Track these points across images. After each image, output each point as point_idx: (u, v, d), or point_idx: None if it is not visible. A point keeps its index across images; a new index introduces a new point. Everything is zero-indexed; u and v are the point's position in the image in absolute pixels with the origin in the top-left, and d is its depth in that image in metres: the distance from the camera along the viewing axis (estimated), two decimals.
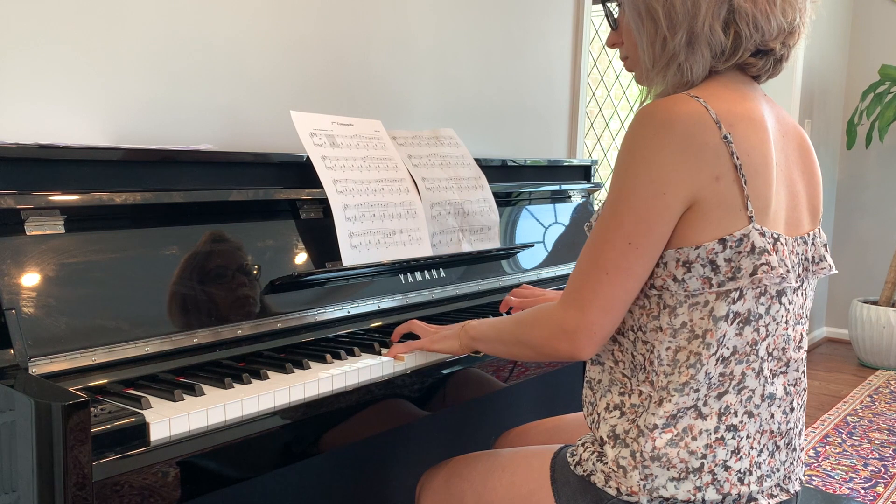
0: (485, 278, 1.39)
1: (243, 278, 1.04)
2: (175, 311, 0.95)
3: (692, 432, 0.79)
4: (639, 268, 0.78)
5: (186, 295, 0.97)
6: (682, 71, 0.82)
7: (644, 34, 0.84)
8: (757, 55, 0.82)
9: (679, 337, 0.80)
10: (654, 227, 0.77)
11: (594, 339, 0.80)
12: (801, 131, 0.89)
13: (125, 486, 0.71)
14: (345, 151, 1.22)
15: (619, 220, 0.78)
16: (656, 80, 0.85)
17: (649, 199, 0.76)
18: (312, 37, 1.49)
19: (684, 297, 0.79)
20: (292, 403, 0.87)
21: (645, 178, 0.76)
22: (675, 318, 0.80)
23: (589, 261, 0.80)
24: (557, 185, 1.69)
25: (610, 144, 2.69)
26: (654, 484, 0.80)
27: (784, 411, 0.84)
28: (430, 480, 1.02)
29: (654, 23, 0.82)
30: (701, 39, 0.80)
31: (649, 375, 0.82)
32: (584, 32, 2.22)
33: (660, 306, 0.81)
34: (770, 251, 0.77)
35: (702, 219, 0.77)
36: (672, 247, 0.78)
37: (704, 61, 0.81)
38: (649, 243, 0.77)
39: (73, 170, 0.92)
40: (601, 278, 0.79)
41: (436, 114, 1.79)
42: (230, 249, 1.04)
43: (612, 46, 0.93)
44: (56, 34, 1.12)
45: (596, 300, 0.79)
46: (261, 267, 1.06)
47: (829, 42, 3.60)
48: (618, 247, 0.78)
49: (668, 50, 0.81)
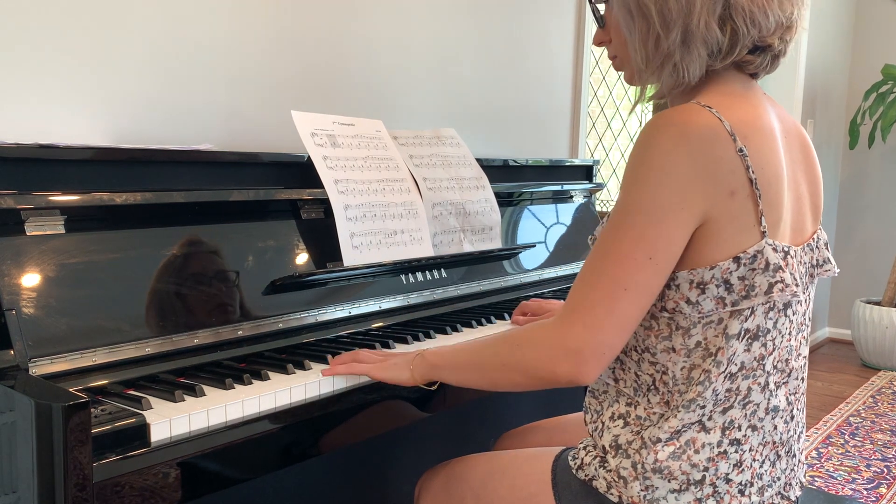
0: (486, 279, 1.38)
1: (244, 278, 1.03)
2: (176, 312, 0.94)
3: (695, 445, 0.78)
4: (656, 286, 0.74)
5: (187, 295, 0.97)
6: (678, 71, 0.78)
7: (635, 33, 0.79)
8: (754, 52, 0.79)
9: (694, 356, 0.78)
10: (674, 243, 0.73)
11: (602, 360, 0.74)
12: (801, 129, 0.87)
13: (126, 487, 0.71)
14: (346, 151, 1.21)
15: (637, 233, 0.73)
16: (650, 81, 0.81)
17: (670, 212, 0.72)
18: (313, 36, 1.49)
19: (698, 319, 0.77)
20: (293, 404, 0.87)
21: (667, 191, 0.72)
22: (689, 339, 0.78)
23: (603, 275, 0.74)
24: (559, 185, 1.69)
25: (612, 144, 2.68)
26: (655, 495, 0.79)
27: (785, 420, 0.83)
28: (429, 482, 1.01)
29: (647, 20, 0.77)
30: (696, 37, 0.76)
31: (664, 396, 0.80)
32: (585, 31, 2.21)
33: (671, 328, 0.78)
34: (783, 267, 0.75)
35: (715, 237, 0.74)
36: (685, 268, 0.75)
37: (701, 60, 0.77)
38: (668, 259, 0.73)
39: (73, 170, 0.91)
40: (619, 295, 0.73)
41: (437, 113, 1.79)
42: (231, 250, 1.04)
43: (599, 45, 0.89)
44: (56, 34, 1.12)
45: (611, 318, 0.73)
46: (261, 267, 1.06)
47: (832, 42, 3.59)
48: (638, 262, 0.73)
49: (662, 49, 0.77)
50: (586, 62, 2.24)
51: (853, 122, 3.53)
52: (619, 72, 0.89)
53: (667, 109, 0.78)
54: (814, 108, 3.52)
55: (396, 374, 0.91)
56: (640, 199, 0.74)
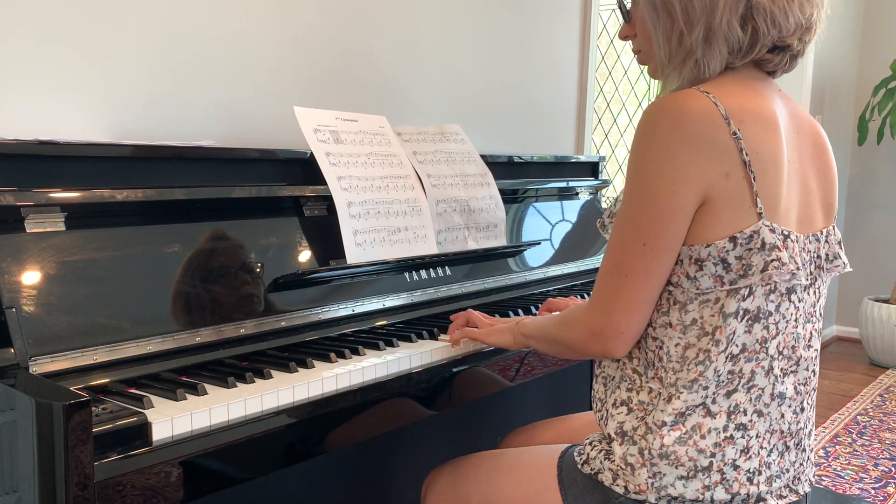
0: (491, 276, 1.37)
1: (246, 276, 1.03)
2: (177, 310, 0.94)
3: (701, 430, 0.79)
4: (657, 268, 0.78)
5: (189, 293, 0.96)
6: (699, 67, 0.81)
7: (660, 29, 0.83)
8: (774, 51, 0.81)
9: (689, 334, 0.80)
10: (668, 227, 0.76)
11: (623, 339, 0.81)
12: (816, 127, 0.88)
13: (127, 487, 0.70)
14: (349, 148, 1.20)
15: (633, 221, 0.78)
16: (672, 76, 0.84)
17: (661, 198, 0.76)
18: (316, 32, 1.48)
19: (695, 294, 0.79)
20: (296, 403, 0.86)
21: (657, 178, 0.76)
22: (685, 315, 0.80)
23: (609, 263, 0.81)
24: (565, 181, 1.68)
25: (618, 140, 2.67)
26: (663, 482, 0.79)
27: (794, 411, 0.83)
28: (436, 480, 1.01)
29: (671, 17, 0.81)
30: (718, 35, 0.79)
31: (658, 372, 0.82)
32: (591, 26, 2.19)
33: (670, 302, 0.80)
34: (780, 247, 0.77)
35: (712, 216, 0.76)
36: (685, 244, 0.78)
37: (721, 57, 0.80)
38: (664, 243, 0.77)
39: (73, 166, 0.91)
40: (621, 281, 0.79)
41: (441, 109, 1.78)
42: (233, 247, 1.03)
43: (625, 39, 0.92)
44: (57, 29, 1.12)
45: (618, 303, 0.80)
46: (264, 265, 1.05)
47: (841, 37, 3.56)
48: (634, 249, 0.78)
49: (685, 45, 0.81)
50: (592, 57, 2.22)
51: (862, 118, 3.50)
52: (642, 65, 0.92)
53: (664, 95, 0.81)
54: (822, 103, 3.49)
55: (502, 339, 1.01)
56: (634, 187, 0.78)
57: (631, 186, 0.79)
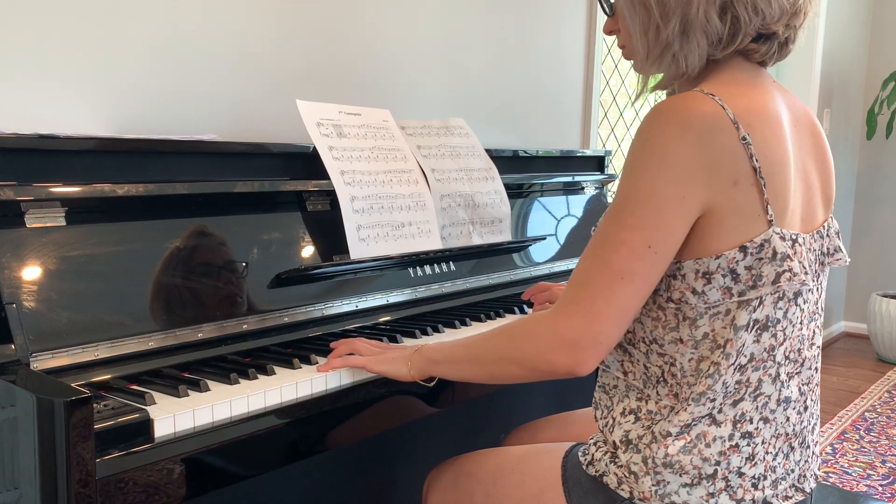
0: (496, 272, 1.36)
1: (249, 272, 1.02)
2: (179, 306, 0.93)
3: (706, 439, 0.77)
4: (655, 275, 0.74)
5: (191, 289, 0.95)
6: (677, 61, 0.78)
7: (637, 22, 0.80)
8: (758, 40, 0.78)
9: (701, 347, 0.77)
10: (674, 233, 0.73)
11: (599, 350, 0.74)
12: (811, 116, 0.85)
13: (129, 484, 0.70)
14: (352, 142, 1.19)
15: (637, 221, 0.72)
16: (652, 71, 0.81)
17: (671, 202, 0.72)
18: (319, 24, 1.46)
19: (704, 309, 0.76)
20: (299, 399, 0.86)
21: (668, 180, 0.71)
22: (696, 330, 0.77)
23: (601, 264, 0.73)
24: (570, 176, 1.66)
25: (624, 135, 2.64)
26: (667, 490, 0.78)
27: (798, 412, 0.82)
28: (438, 479, 1.00)
29: (647, 10, 0.78)
30: (696, 27, 0.76)
31: (673, 388, 0.79)
32: (597, 19, 2.17)
33: (678, 318, 0.77)
34: (791, 256, 0.74)
35: (718, 226, 0.73)
36: (690, 257, 0.75)
37: (700, 50, 0.77)
38: (668, 249, 0.73)
39: (74, 160, 0.90)
40: (618, 284, 0.72)
41: (445, 103, 1.76)
42: (235, 242, 1.02)
43: (609, 34, 0.89)
44: (57, 22, 1.11)
45: (609, 308, 0.72)
46: (267, 260, 1.04)
47: (849, 30, 3.52)
48: (636, 250, 0.72)
49: (662, 39, 0.77)
50: (598, 51, 2.20)
51: (870, 112, 3.47)
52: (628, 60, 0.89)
53: (670, 97, 0.77)
54: (830, 97, 3.45)
55: (393, 369, 0.89)
56: (640, 187, 0.73)
57: (633, 185, 0.73)
